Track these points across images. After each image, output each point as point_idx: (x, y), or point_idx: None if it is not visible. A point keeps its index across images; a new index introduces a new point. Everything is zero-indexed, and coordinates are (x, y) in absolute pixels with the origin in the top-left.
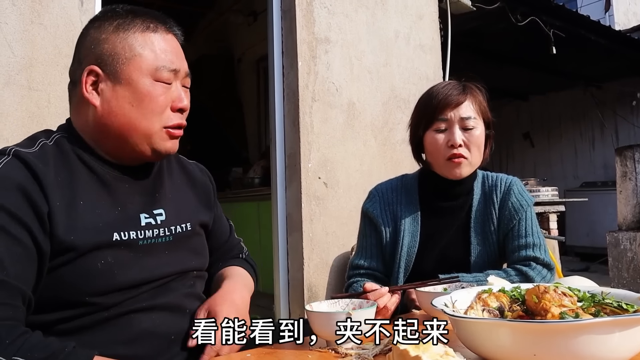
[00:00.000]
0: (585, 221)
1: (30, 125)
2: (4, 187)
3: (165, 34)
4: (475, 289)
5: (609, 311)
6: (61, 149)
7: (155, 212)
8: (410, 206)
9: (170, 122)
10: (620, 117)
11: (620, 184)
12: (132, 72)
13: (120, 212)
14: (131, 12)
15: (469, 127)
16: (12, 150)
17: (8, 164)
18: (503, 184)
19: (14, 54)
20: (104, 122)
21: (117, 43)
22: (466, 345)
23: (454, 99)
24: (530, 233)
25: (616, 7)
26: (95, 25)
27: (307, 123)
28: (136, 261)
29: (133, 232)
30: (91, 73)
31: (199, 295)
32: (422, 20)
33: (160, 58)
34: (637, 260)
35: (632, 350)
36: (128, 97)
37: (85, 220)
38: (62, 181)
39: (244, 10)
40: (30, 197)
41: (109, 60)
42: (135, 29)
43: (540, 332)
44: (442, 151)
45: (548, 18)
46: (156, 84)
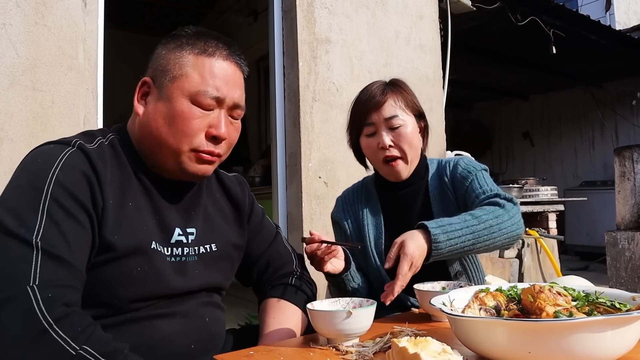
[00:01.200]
0: (585, 220)
1: (35, 126)
2: (71, 175)
3: (222, 60)
4: (472, 288)
5: (603, 310)
6: (115, 150)
7: (189, 230)
8: (371, 202)
9: (201, 147)
10: (620, 116)
11: (619, 184)
12: (174, 90)
13: (158, 223)
14: (197, 34)
15: (395, 125)
16: (77, 143)
17: (74, 154)
18: (451, 162)
19: (19, 55)
20: (142, 132)
21: (170, 60)
22: (463, 343)
23: (374, 101)
24: (485, 184)
25: (617, 6)
26: (164, 42)
27: (307, 123)
28: (166, 274)
29: (167, 247)
30: (144, 84)
31: (217, 304)
32: (422, 21)
33: (205, 83)
34: (635, 259)
35: (624, 348)
36: (164, 113)
37: (130, 223)
38: (115, 181)
39: (245, 10)
40: (93, 189)
41: (160, 75)
42: (191, 49)
43: (535, 331)
44: (375, 154)
45: (548, 18)
46: (193, 107)
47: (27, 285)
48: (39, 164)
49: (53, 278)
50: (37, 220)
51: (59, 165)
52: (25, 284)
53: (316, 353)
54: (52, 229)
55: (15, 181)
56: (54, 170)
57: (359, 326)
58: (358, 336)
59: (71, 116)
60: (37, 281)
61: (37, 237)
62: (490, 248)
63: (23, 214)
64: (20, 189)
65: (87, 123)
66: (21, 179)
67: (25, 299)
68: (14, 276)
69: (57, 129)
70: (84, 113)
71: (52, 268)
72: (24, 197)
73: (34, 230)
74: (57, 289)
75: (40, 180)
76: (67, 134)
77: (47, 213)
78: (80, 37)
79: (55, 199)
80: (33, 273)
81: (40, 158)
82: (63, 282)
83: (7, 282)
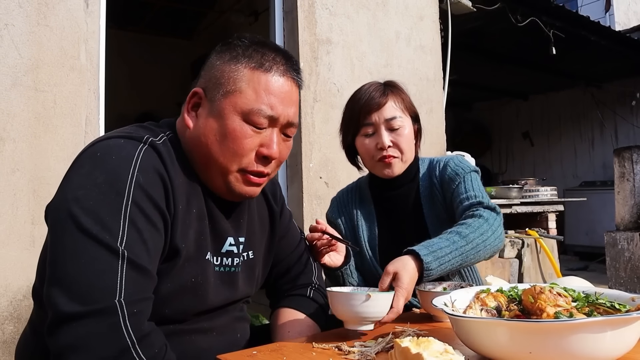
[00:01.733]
0: (584, 220)
1: (37, 126)
2: (150, 177)
3: (279, 76)
4: (473, 289)
5: (602, 311)
6: (176, 149)
7: (240, 239)
8: (364, 203)
9: (251, 167)
10: (619, 116)
11: (618, 184)
12: (226, 106)
13: (213, 231)
14: (255, 45)
15: (395, 127)
16: (149, 140)
17: (149, 153)
18: (441, 162)
19: (21, 55)
20: (191, 144)
21: (224, 73)
22: (465, 343)
23: (376, 102)
24: (470, 189)
25: (617, 6)
26: (219, 50)
27: (308, 123)
28: (213, 285)
29: (217, 257)
30: (195, 95)
31: (247, 318)
32: (423, 21)
33: (260, 100)
34: (634, 260)
35: (623, 349)
36: (215, 129)
37: (192, 232)
38: (183, 184)
39: (245, 10)
40: (167, 193)
41: (212, 88)
42: (247, 63)
43: (536, 331)
44: (372, 154)
45: (548, 18)
46: (245, 126)
47: (115, 300)
48: (114, 161)
49: (138, 291)
50: (119, 226)
51: (137, 166)
52: (112, 297)
53: (319, 353)
54: (134, 235)
55: (89, 178)
56: (132, 171)
57: (376, 310)
58: (374, 322)
59: (73, 116)
60: (123, 294)
61: (122, 244)
62: (473, 263)
63: (105, 217)
64: (98, 188)
65: (89, 123)
66: (96, 175)
67: (113, 313)
68: (101, 287)
69: (59, 129)
70: (86, 113)
71: (136, 279)
72: (105, 199)
73: (117, 236)
74: (141, 304)
75: (120, 181)
76: (69, 134)
77: (129, 218)
78: (82, 38)
79: (136, 204)
80: (119, 285)
81: (115, 154)
82: (145, 294)
83: (94, 293)
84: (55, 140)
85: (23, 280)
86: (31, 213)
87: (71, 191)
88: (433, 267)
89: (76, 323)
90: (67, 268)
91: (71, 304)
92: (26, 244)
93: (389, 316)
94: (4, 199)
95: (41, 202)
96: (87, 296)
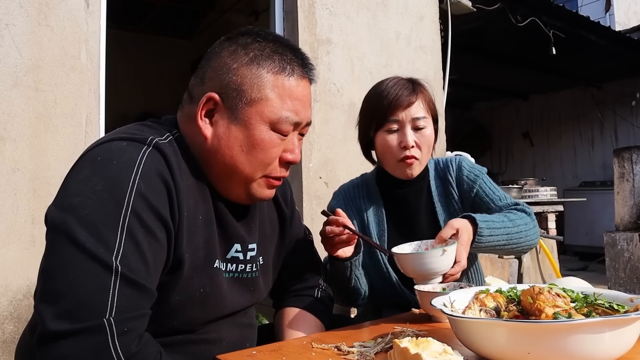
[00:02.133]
0: (584, 220)
1: (38, 126)
2: (152, 184)
3: (300, 79)
4: (472, 290)
5: (601, 312)
6: (184, 151)
7: (250, 245)
8: (373, 198)
9: (275, 174)
10: (619, 117)
11: (618, 184)
12: (252, 115)
13: (222, 237)
14: (272, 43)
15: (420, 126)
16: (153, 141)
17: (152, 156)
18: (454, 163)
19: (22, 55)
20: (210, 156)
21: (246, 79)
22: (464, 344)
23: (405, 99)
24: (496, 189)
25: (617, 6)
26: (231, 48)
27: None
28: (224, 293)
29: (224, 263)
30: (210, 101)
31: (255, 324)
32: (423, 22)
33: (286, 107)
34: (634, 260)
35: (622, 349)
36: (240, 139)
37: (199, 240)
38: (190, 188)
39: (246, 9)
40: (172, 200)
41: (232, 95)
42: (270, 67)
43: (534, 332)
44: (394, 152)
45: (548, 19)
46: (272, 134)
47: (104, 318)
48: (115, 167)
49: (130, 307)
50: (116, 238)
51: (139, 171)
52: (101, 315)
53: (318, 353)
54: (131, 248)
55: (87, 184)
56: (134, 178)
57: (446, 264)
58: (442, 275)
59: (74, 116)
60: (113, 312)
61: (117, 258)
62: (513, 251)
63: (101, 229)
64: (96, 196)
65: (90, 123)
66: (95, 182)
67: (101, 332)
68: (91, 304)
69: (59, 129)
70: (87, 113)
71: (130, 295)
72: (102, 209)
73: (113, 249)
74: (133, 321)
75: (120, 189)
76: (69, 134)
77: (127, 230)
78: (83, 38)
79: (136, 214)
80: (110, 302)
81: (116, 159)
82: (139, 311)
83: (83, 311)
84: (55, 140)
85: (23, 280)
86: (31, 213)
87: (68, 198)
88: (484, 234)
89: (63, 341)
90: (57, 282)
91: (59, 322)
92: (26, 243)
93: (455, 269)
94: (4, 198)
95: (42, 201)
96: (75, 313)
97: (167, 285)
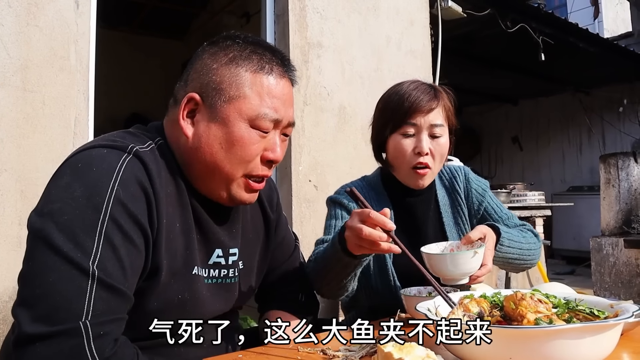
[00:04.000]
0: (571, 225)
1: (25, 127)
2: (131, 191)
3: (279, 78)
4: (457, 294)
5: (582, 317)
6: (166, 158)
7: (231, 250)
8: (382, 203)
9: (255, 172)
10: (607, 122)
11: (604, 190)
12: (230, 113)
13: (201, 243)
14: (251, 45)
15: (437, 134)
16: (133, 149)
17: (132, 164)
18: (461, 174)
19: (10, 55)
20: (192, 155)
21: (225, 77)
22: (447, 349)
23: (425, 105)
24: (500, 207)
25: (605, 13)
26: (212, 50)
27: (298, 126)
28: (203, 299)
29: (206, 269)
30: (191, 101)
31: (239, 327)
32: (414, 26)
33: (265, 104)
34: (619, 265)
35: (602, 355)
36: (220, 137)
37: (176, 247)
38: (169, 196)
39: (237, 11)
40: (150, 207)
41: (212, 93)
42: (248, 66)
43: (516, 337)
44: (407, 157)
45: (537, 25)
46: (252, 131)
47: (80, 321)
48: (94, 174)
49: (106, 311)
50: (93, 243)
51: (118, 178)
52: (77, 318)
53: (304, 357)
54: (109, 254)
55: (66, 190)
56: (112, 185)
57: (475, 265)
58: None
59: (62, 117)
60: (89, 316)
61: (94, 263)
62: (518, 267)
63: (78, 234)
64: (75, 202)
65: (78, 124)
66: (74, 188)
67: (77, 335)
68: (67, 308)
69: (47, 130)
70: (75, 114)
71: (106, 299)
72: (81, 215)
73: (90, 254)
74: (109, 325)
75: (99, 195)
76: (57, 135)
77: (105, 235)
78: (72, 39)
79: (114, 220)
80: (87, 306)
81: (96, 166)
82: (115, 315)
83: (59, 314)
84: (43, 141)
85: (9, 282)
86: (18, 214)
87: (48, 204)
88: (505, 244)
89: (39, 344)
90: (34, 287)
91: (35, 325)
92: (13, 245)
93: (482, 271)
94: None
95: (29, 203)
96: (52, 317)
97: (145, 292)
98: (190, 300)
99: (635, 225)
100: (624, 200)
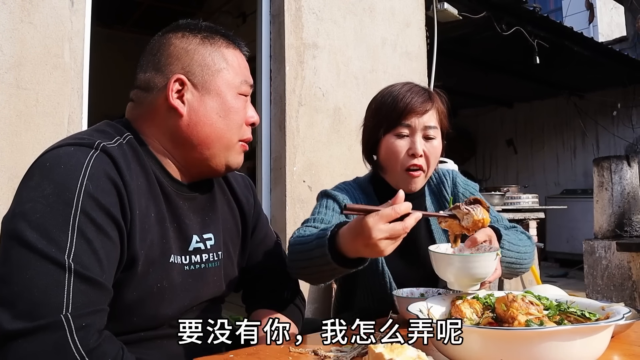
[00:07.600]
0: (565, 228)
1: (18, 124)
2: (101, 184)
3: (239, 50)
4: (450, 296)
5: (573, 319)
6: (135, 151)
7: (205, 236)
8: None
9: (245, 136)
10: (601, 126)
11: (597, 193)
12: (221, 84)
13: (177, 231)
14: (210, 28)
15: (431, 136)
16: (100, 145)
17: (100, 159)
18: (449, 179)
19: (3, 52)
20: (189, 131)
21: (206, 54)
22: (438, 350)
23: (420, 106)
24: (493, 210)
25: (600, 17)
26: (178, 35)
27: (293, 127)
28: (182, 287)
29: (185, 256)
30: (177, 81)
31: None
32: (409, 28)
33: (241, 73)
34: (611, 268)
35: (592, 357)
36: (216, 108)
37: (152, 237)
38: (140, 188)
39: (233, 11)
40: (122, 199)
41: (197, 71)
42: (220, 42)
43: (507, 339)
44: (401, 159)
45: (533, 28)
46: (239, 97)
47: (61, 314)
48: (62, 171)
49: (86, 303)
50: (67, 238)
51: (86, 173)
52: (58, 312)
53: (295, 357)
54: (83, 247)
55: (37, 190)
56: (82, 180)
57: (492, 269)
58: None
59: (55, 115)
60: (70, 308)
61: (69, 257)
62: (513, 272)
63: (52, 230)
64: (46, 200)
65: (72, 122)
66: (44, 187)
67: (59, 328)
68: (47, 302)
69: (41, 128)
70: (69, 112)
71: (85, 292)
72: (52, 211)
73: (65, 248)
74: (91, 316)
75: (69, 191)
76: (51, 133)
77: (78, 229)
78: (67, 36)
79: (86, 213)
80: (66, 299)
81: (63, 163)
82: (96, 307)
83: (39, 309)
84: (36, 138)
85: None
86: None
87: (19, 205)
88: (505, 248)
89: (22, 340)
90: (12, 285)
91: (16, 321)
92: None
93: (494, 276)
94: None
95: None
96: (32, 312)
97: (124, 283)
98: (169, 288)
99: (628, 229)
100: (617, 203)
